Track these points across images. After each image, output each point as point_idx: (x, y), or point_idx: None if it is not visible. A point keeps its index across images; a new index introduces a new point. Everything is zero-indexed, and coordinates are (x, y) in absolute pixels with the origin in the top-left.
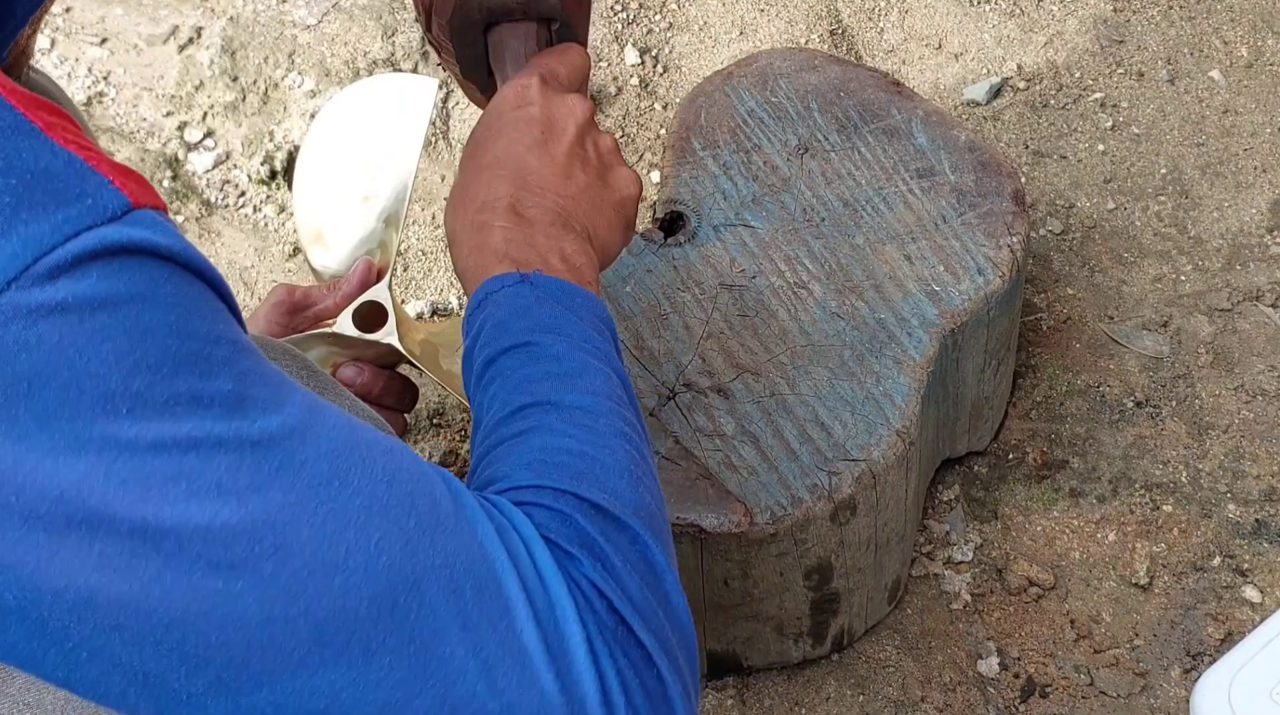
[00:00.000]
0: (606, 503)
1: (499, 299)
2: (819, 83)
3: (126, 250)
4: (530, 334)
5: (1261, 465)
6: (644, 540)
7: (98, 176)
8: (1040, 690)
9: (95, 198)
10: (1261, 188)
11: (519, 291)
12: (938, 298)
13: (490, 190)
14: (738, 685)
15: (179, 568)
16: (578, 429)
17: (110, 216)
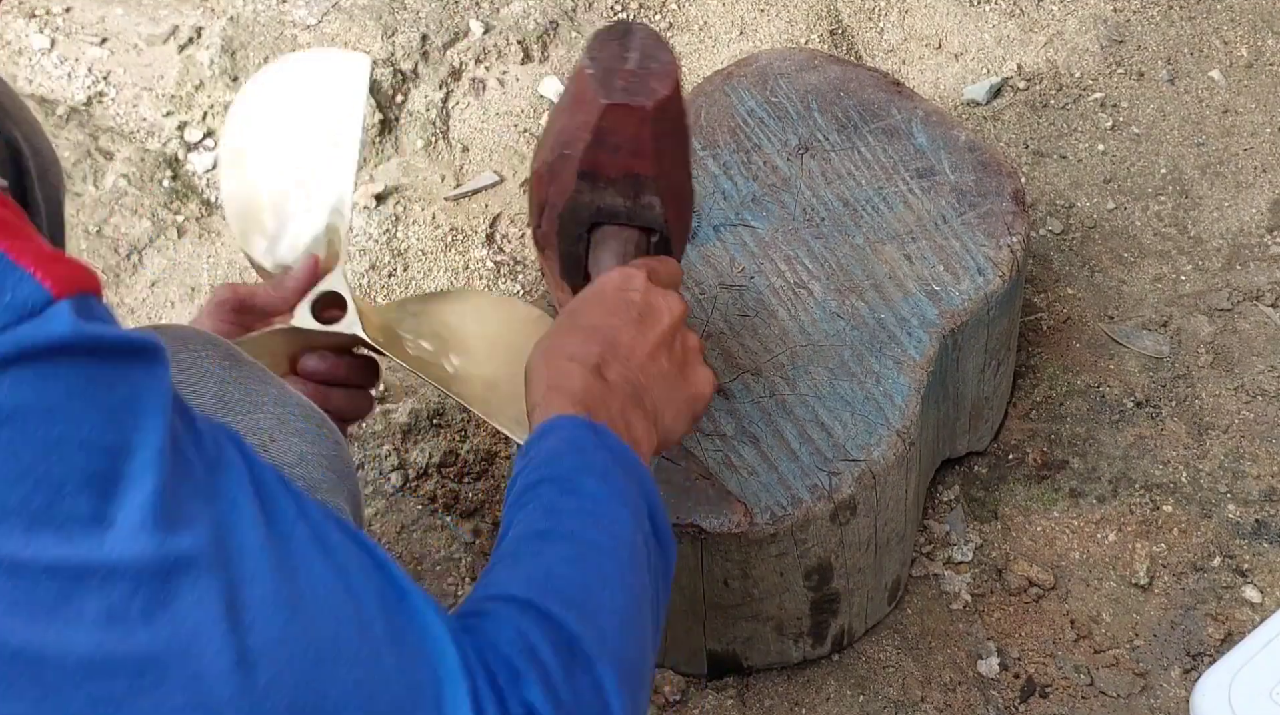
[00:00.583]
0: (584, 637)
1: (561, 433)
2: (819, 83)
3: (42, 354)
4: (577, 472)
5: (1261, 465)
6: (607, 686)
7: (17, 271)
8: (1040, 690)
9: (14, 293)
10: (1261, 188)
11: (582, 433)
12: (938, 298)
13: (581, 348)
14: (738, 685)
15: (58, 698)
16: (583, 569)
17: (29, 313)
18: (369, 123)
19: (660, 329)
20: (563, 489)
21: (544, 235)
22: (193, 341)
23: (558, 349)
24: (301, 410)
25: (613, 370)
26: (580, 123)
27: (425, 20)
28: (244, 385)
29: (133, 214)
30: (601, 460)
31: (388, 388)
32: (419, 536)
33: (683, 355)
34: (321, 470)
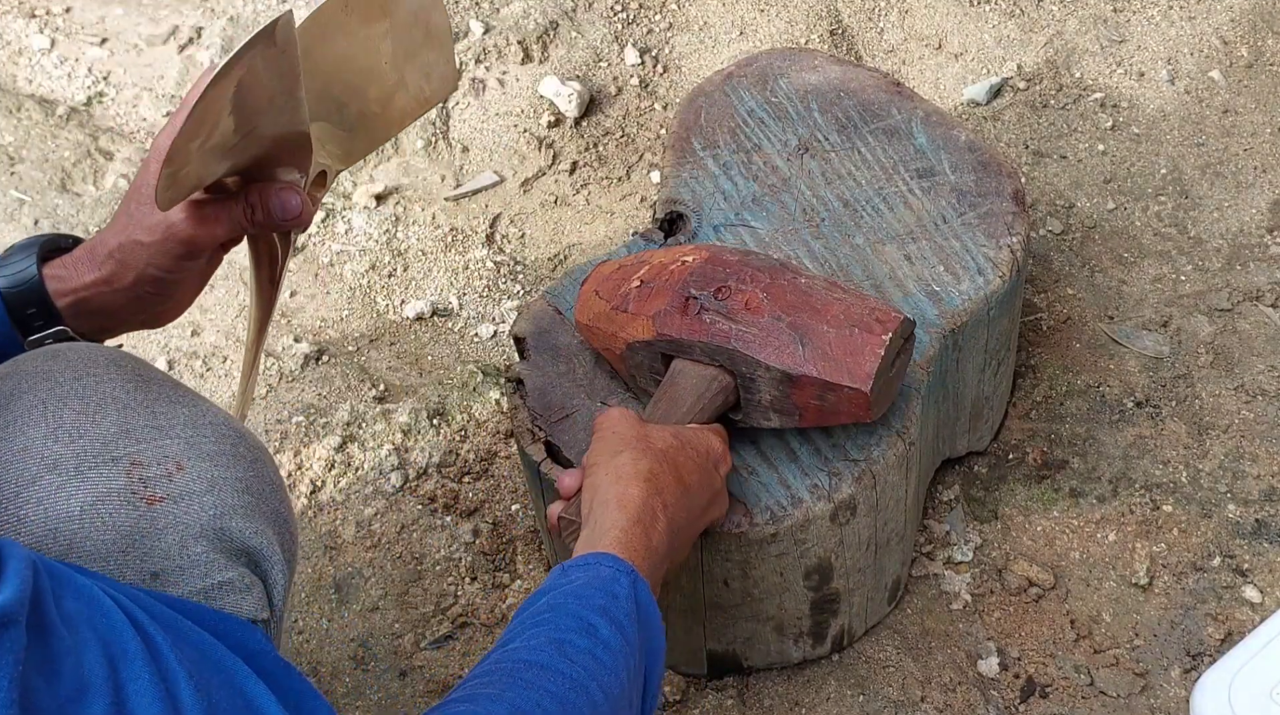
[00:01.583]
0: None
1: (603, 572)
2: (819, 83)
3: None
4: (602, 615)
5: (1261, 465)
6: None
7: None
8: (1040, 690)
9: None
10: (1261, 188)
11: (622, 579)
12: (938, 298)
13: (675, 500)
14: (738, 685)
15: None
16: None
17: None
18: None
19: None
20: (580, 626)
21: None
22: (95, 365)
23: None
24: (215, 431)
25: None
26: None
27: None
28: (150, 410)
29: None
30: (629, 610)
31: (388, 388)
32: (419, 536)
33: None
34: (235, 494)
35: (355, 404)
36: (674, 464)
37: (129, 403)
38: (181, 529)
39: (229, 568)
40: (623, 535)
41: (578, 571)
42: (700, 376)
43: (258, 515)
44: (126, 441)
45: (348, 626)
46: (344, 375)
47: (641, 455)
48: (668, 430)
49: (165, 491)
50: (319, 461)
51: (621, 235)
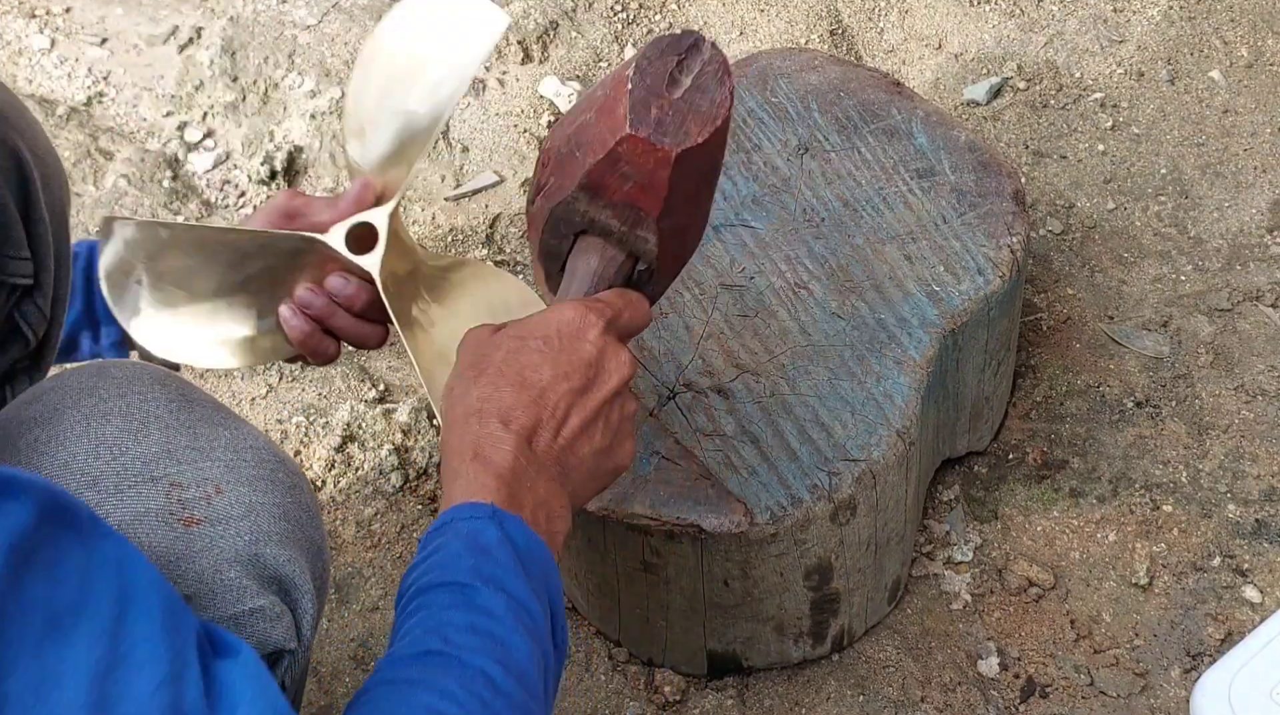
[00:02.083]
0: None
1: (463, 528)
2: (819, 83)
3: None
4: (474, 576)
5: (1261, 465)
6: None
7: None
8: (1040, 690)
9: None
10: (1261, 188)
11: (485, 526)
12: (938, 298)
13: (518, 408)
14: (738, 685)
15: None
16: (473, 702)
17: None
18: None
19: (603, 394)
20: (458, 599)
21: (533, 216)
22: (139, 383)
23: (492, 405)
24: (255, 456)
25: (544, 440)
26: (600, 134)
27: None
28: (193, 430)
29: (133, 214)
30: (504, 561)
31: (388, 388)
32: (419, 536)
33: (617, 424)
34: (273, 521)
35: (355, 404)
36: (513, 372)
37: (171, 423)
38: (216, 553)
39: (260, 595)
40: (469, 481)
41: (435, 540)
42: (582, 250)
43: (292, 543)
44: (167, 462)
45: (348, 626)
46: (344, 375)
47: (469, 386)
48: (507, 332)
49: (203, 514)
50: (319, 461)
51: None
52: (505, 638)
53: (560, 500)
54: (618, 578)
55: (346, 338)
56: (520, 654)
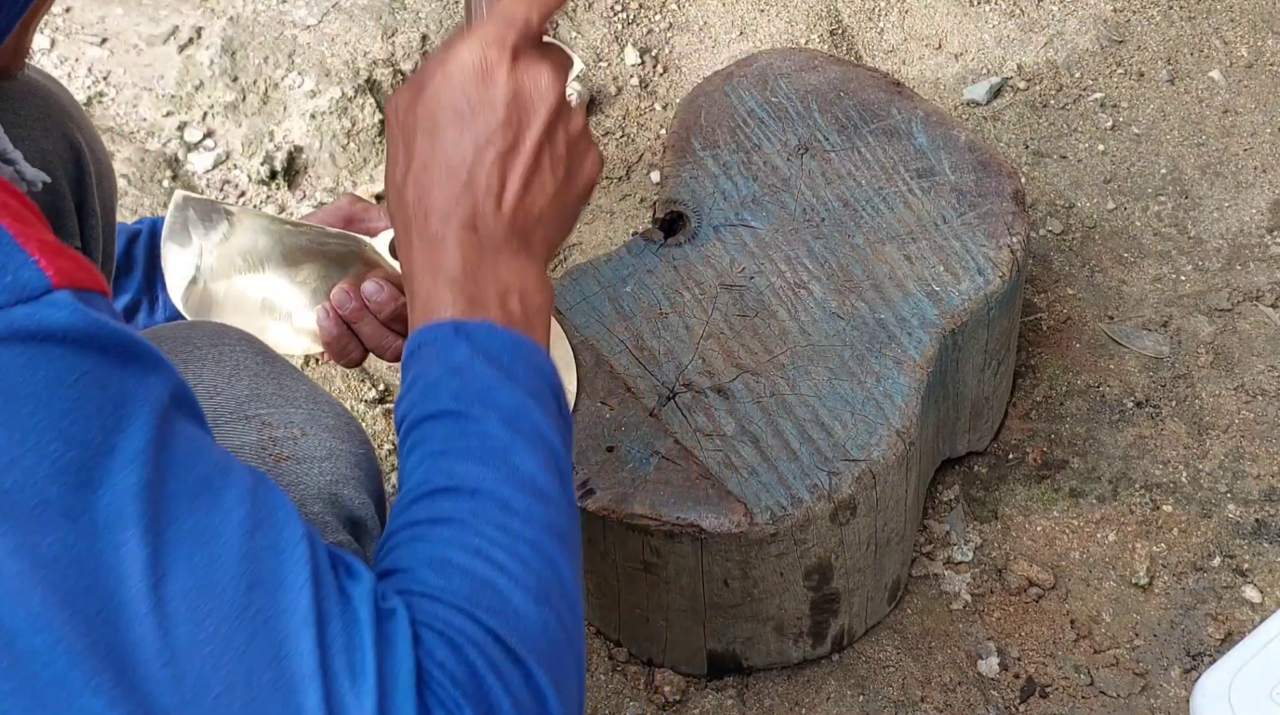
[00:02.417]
0: (505, 632)
1: (432, 353)
2: (819, 83)
3: (34, 338)
4: (459, 401)
5: (1261, 465)
6: (538, 680)
7: (22, 254)
8: (1040, 690)
9: (15, 275)
10: (1261, 188)
11: (453, 345)
12: (938, 298)
13: (450, 200)
14: (738, 685)
15: None
16: (493, 530)
17: (25, 296)
18: (373, 123)
19: (535, 133)
20: (450, 428)
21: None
22: (229, 337)
23: (424, 209)
24: (331, 407)
25: (489, 219)
26: None
27: (425, 20)
28: (278, 381)
29: (133, 214)
30: (483, 378)
31: (388, 388)
32: None
33: (566, 153)
34: (349, 466)
35: (355, 404)
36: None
37: (259, 372)
38: (303, 488)
39: (339, 532)
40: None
41: (412, 366)
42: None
43: (365, 490)
44: (257, 404)
45: None
46: (344, 375)
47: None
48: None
49: (291, 452)
50: None
51: (621, 235)
52: (506, 454)
53: (531, 271)
54: (617, 578)
55: (369, 344)
56: (526, 464)
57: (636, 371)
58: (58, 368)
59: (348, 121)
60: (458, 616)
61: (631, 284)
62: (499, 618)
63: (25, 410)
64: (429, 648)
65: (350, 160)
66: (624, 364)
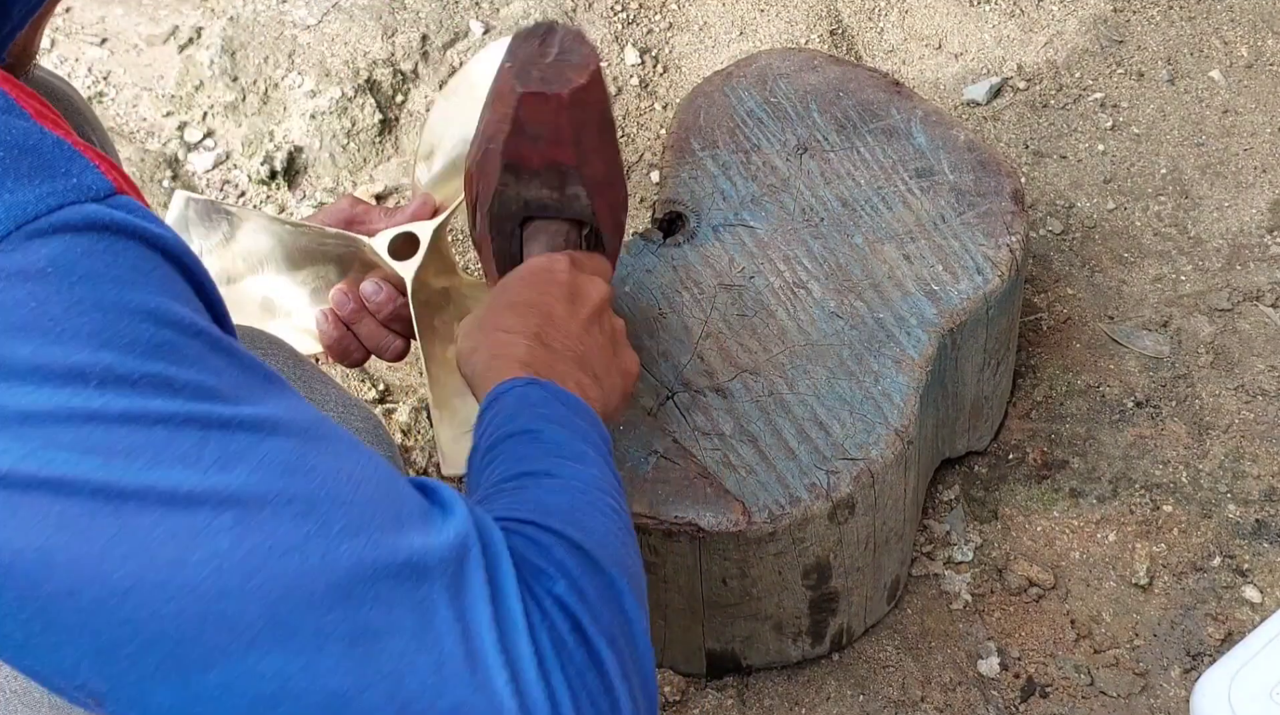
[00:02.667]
0: (590, 546)
1: (510, 397)
2: (819, 83)
3: (110, 229)
4: (535, 422)
5: (1261, 465)
6: (620, 586)
7: (84, 159)
8: (1040, 690)
9: (80, 177)
10: (1261, 188)
11: (530, 390)
12: (936, 297)
13: (518, 321)
14: (737, 685)
15: (137, 532)
16: (570, 494)
17: (94, 196)
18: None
19: (590, 306)
20: (525, 440)
21: (479, 235)
22: (260, 341)
23: (494, 323)
24: (360, 412)
25: (553, 338)
26: (500, 115)
27: (425, 20)
28: (308, 384)
29: None
30: (556, 411)
31: (388, 388)
32: None
33: (611, 332)
34: None
35: None
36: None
37: (290, 375)
38: None
39: None
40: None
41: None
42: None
43: None
44: None
45: None
46: (344, 375)
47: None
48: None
49: None
50: None
51: None
52: (579, 457)
53: (589, 381)
54: None
55: (368, 344)
56: (596, 468)
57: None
58: (136, 256)
59: (348, 121)
60: (543, 531)
61: (630, 284)
62: (582, 534)
63: (113, 292)
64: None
65: (350, 160)
66: None
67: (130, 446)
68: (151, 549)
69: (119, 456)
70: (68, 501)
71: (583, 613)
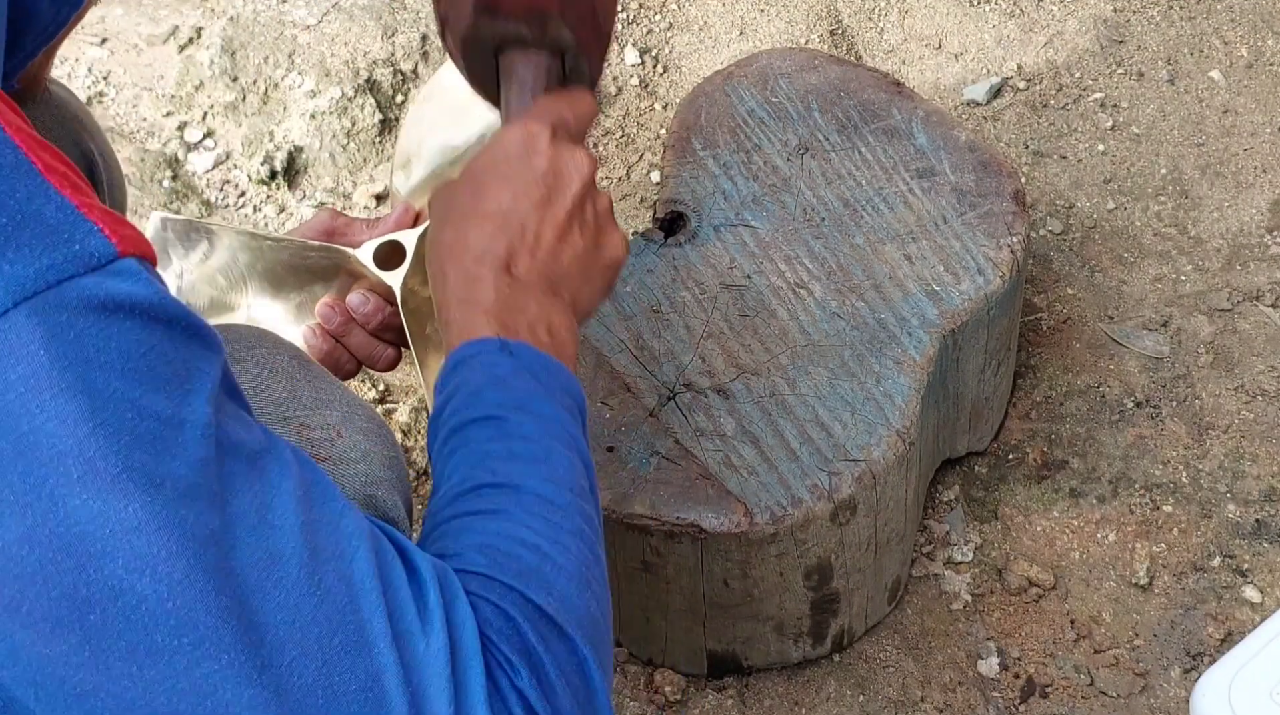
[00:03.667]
0: (552, 609)
1: (476, 364)
2: (819, 83)
3: (107, 309)
4: (501, 408)
5: (1261, 465)
6: (583, 653)
7: (87, 223)
8: (1040, 690)
9: (82, 244)
10: (1261, 188)
11: (498, 360)
12: (938, 298)
13: (487, 242)
14: (738, 685)
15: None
16: (536, 520)
17: (95, 264)
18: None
19: (569, 199)
20: (492, 431)
21: (449, 52)
22: (265, 340)
23: (462, 248)
24: (364, 410)
25: (523, 263)
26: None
27: (425, 20)
28: (313, 384)
29: (133, 214)
30: (524, 389)
31: (388, 388)
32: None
33: (594, 223)
34: (382, 467)
35: None
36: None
37: (295, 374)
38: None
39: None
40: (461, 326)
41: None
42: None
43: (396, 491)
44: (295, 405)
45: None
46: None
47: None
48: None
49: (328, 453)
50: None
51: None
52: (546, 456)
53: (558, 313)
54: (617, 577)
55: (359, 355)
56: (563, 467)
57: (636, 371)
58: (129, 340)
59: (348, 121)
60: (508, 592)
61: (631, 284)
62: (546, 595)
63: (102, 379)
64: (484, 615)
65: (350, 160)
66: (624, 364)
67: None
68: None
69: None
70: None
71: (543, 709)
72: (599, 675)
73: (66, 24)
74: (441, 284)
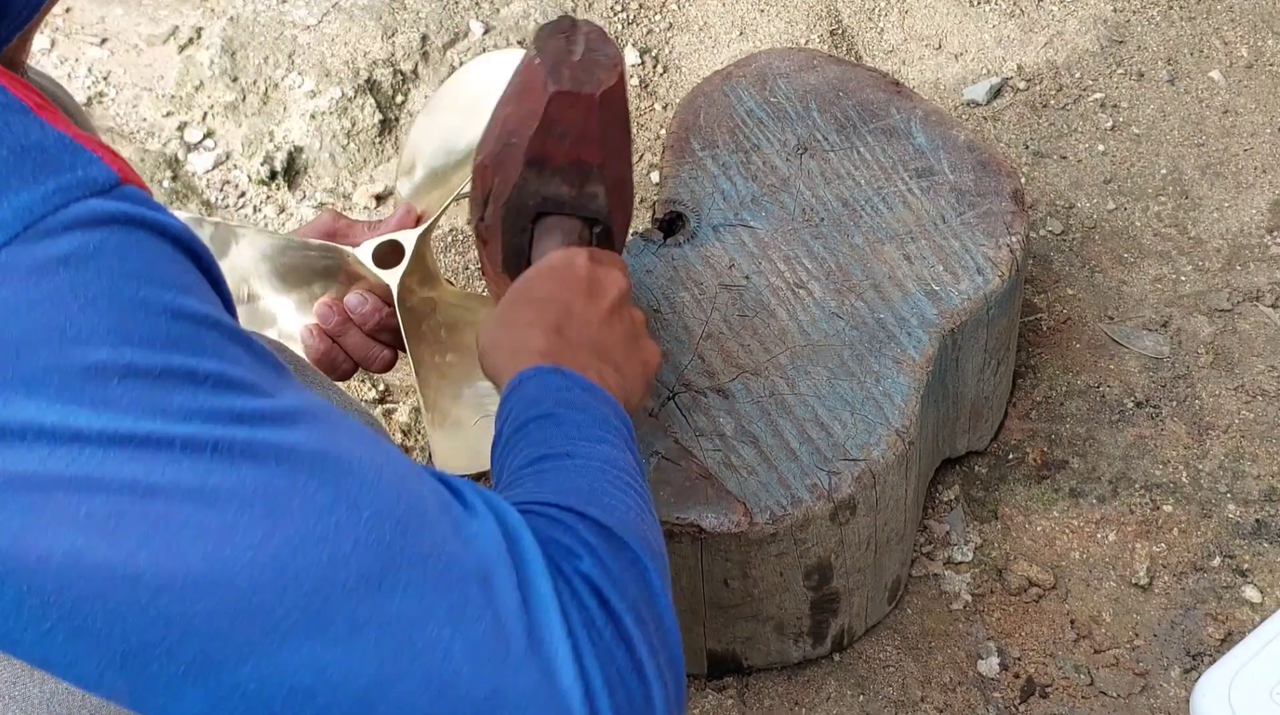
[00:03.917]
0: (612, 523)
1: (531, 384)
2: (818, 83)
3: (119, 221)
4: (556, 407)
5: (1261, 465)
6: (644, 562)
7: (87, 152)
8: (1040, 690)
9: (85, 171)
10: (1261, 188)
11: (551, 377)
12: (937, 297)
13: (537, 316)
14: (738, 685)
15: (167, 530)
16: (588, 474)
17: (100, 189)
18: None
19: (609, 299)
20: (545, 424)
21: (488, 228)
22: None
23: (514, 318)
24: (361, 416)
25: (573, 331)
26: (528, 111)
27: (425, 20)
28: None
29: None
30: (577, 397)
31: (388, 388)
32: None
33: (632, 326)
34: None
35: None
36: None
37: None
38: None
39: None
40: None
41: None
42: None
43: None
44: None
45: None
46: None
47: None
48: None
49: None
50: None
51: None
52: (599, 441)
53: (610, 374)
54: None
55: (355, 356)
56: (616, 451)
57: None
58: (145, 249)
59: (348, 121)
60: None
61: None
62: (607, 516)
63: (128, 287)
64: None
65: (350, 160)
66: None
67: (156, 442)
68: (182, 546)
69: (146, 452)
70: (94, 500)
71: (609, 590)
72: (659, 583)
73: (39, 9)
74: (491, 348)
